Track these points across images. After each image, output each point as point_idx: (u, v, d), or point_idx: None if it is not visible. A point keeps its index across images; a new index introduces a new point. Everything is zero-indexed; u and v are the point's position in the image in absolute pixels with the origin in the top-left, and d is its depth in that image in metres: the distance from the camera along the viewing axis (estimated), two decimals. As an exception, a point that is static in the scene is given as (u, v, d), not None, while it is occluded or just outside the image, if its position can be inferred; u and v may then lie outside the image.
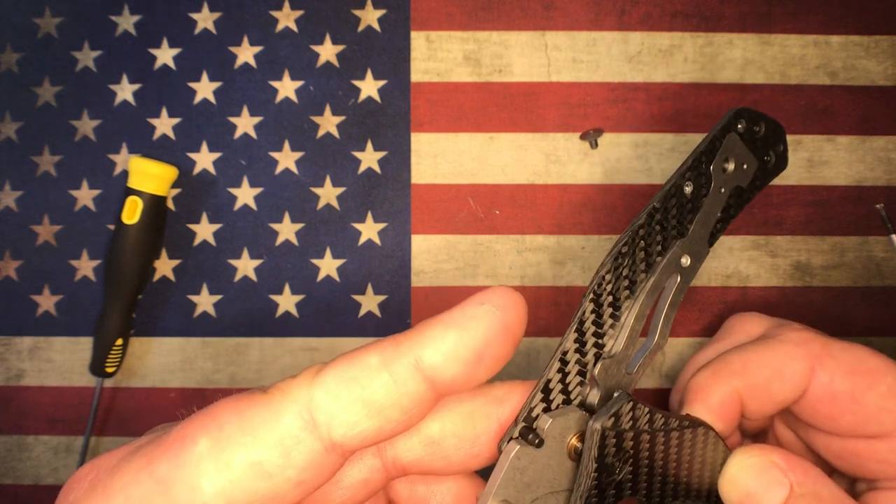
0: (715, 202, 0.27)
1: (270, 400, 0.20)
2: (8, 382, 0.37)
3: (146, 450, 0.21)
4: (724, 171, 0.27)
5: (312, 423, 0.20)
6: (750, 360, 0.30)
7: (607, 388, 0.23)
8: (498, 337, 0.21)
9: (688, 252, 0.26)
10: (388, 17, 0.38)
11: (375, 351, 0.21)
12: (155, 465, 0.20)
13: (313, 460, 0.20)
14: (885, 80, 0.37)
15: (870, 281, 0.37)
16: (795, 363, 0.29)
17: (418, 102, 0.37)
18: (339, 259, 0.37)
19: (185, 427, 0.21)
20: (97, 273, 0.37)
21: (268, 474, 0.20)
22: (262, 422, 0.20)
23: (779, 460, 0.26)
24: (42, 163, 0.38)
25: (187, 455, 0.20)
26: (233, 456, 0.20)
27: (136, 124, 0.38)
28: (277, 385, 0.21)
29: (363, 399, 0.20)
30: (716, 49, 0.37)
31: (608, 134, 0.37)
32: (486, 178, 0.37)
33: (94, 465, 0.21)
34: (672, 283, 0.25)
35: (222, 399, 0.21)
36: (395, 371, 0.20)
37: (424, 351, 0.20)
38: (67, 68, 0.38)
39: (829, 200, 0.37)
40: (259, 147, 0.38)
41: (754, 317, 0.34)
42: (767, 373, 0.29)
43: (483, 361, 0.21)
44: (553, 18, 0.38)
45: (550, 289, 0.37)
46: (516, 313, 0.21)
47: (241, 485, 0.20)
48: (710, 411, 0.29)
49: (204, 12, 0.38)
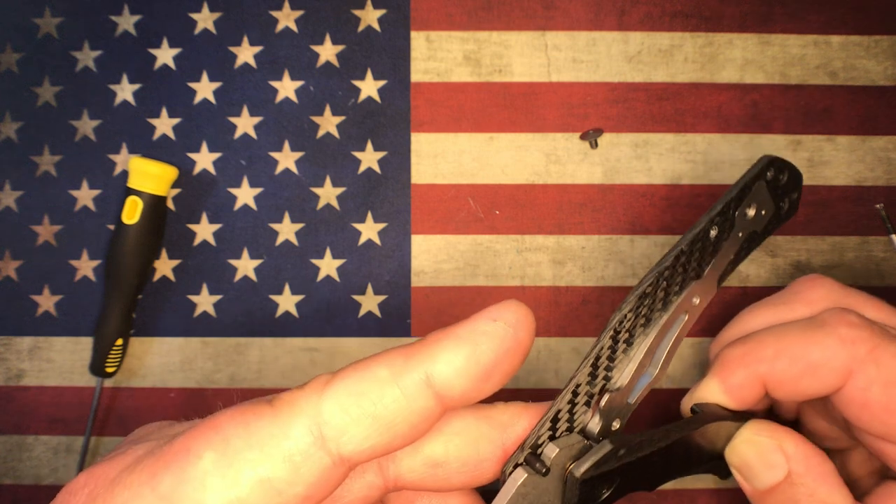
0: (731, 245, 0.28)
1: (278, 413, 0.20)
2: (8, 382, 0.37)
3: (147, 463, 0.20)
4: (746, 216, 0.28)
5: (322, 438, 0.19)
6: (785, 348, 0.27)
7: (609, 417, 0.24)
8: (509, 353, 0.21)
9: (699, 293, 0.27)
10: (388, 17, 0.38)
11: (385, 363, 0.20)
12: (158, 480, 0.19)
13: (322, 475, 0.19)
14: (885, 80, 0.37)
15: (869, 281, 0.37)
16: (834, 362, 0.26)
17: (418, 102, 0.37)
18: (339, 259, 0.37)
19: (189, 439, 0.20)
20: (97, 273, 0.37)
21: (277, 491, 0.19)
22: (270, 436, 0.19)
23: (788, 446, 0.26)
24: (42, 163, 0.38)
25: (192, 470, 0.19)
26: (240, 472, 0.19)
27: (136, 124, 0.38)
28: (284, 397, 0.20)
29: (373, 415, 0.20)
30: (716, 49, 0.37)
31: (608, 134, 0.37)
32: (486, 178, 0.37)
33: (91, 474, 0.21)
34: (681, 321, 0.26)
35: (226, 410, 0.20)
36: (405, 386, 0.20)
37: (435, 366, 0.20)
38: (67, 68, 0.38)
39: (829, 200, 0.37)
40: (259, 147, 0.38)
41: (823, 284, 0.30)
42: (800, 368, 0.27)
43: (492, 378, 0.21)
44: (553, 18, 0.38)
45: (550, 289, 0.37)
46: (527, 330, 0.21)
47: (249, 502, 0.19)
48: (727, 391, 0.28)
49: (204, 12, 0.38)
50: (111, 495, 0.20)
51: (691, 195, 0.37)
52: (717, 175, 0.37)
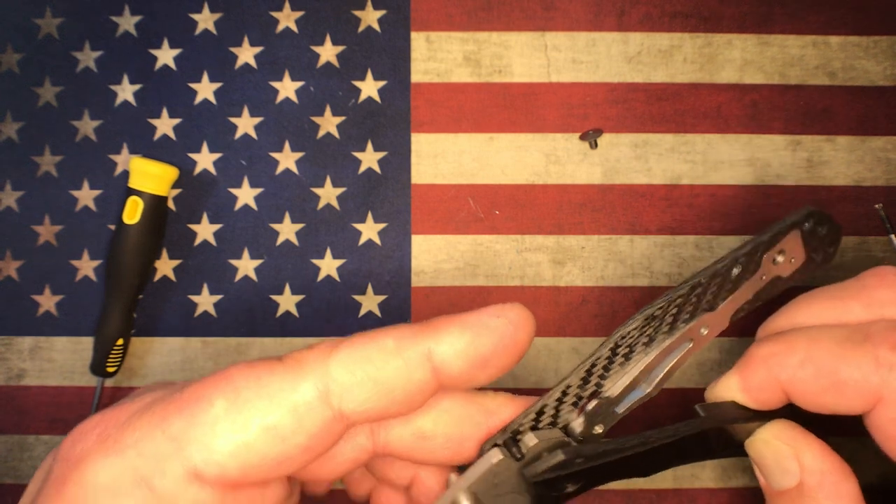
0: (751, 286, 0.27)
1: (288, 368, 0.21)
2: (9, 382, 0.37)
3: (159, 407, 0.21)
4: (774, 261, 0.28)
5: (326, 395, 0.21)
6: (814, 358, 0.25)
7: (592, 421, 0.25)
8: (506, 349, 0.22)
9: (710, 324, 0.26)
10: (389, 17, 0.38)
11: (393, 336, 0.22)
12: (169, 423, 0.21)
13: (322, 428, 0.21)
14: (885, 80, 0.37)
15: (869, 281, 0.37)
16: (863, 385, 0.24)
17: (418, 103, 0.38)
18: (339, 259, 0.37)
19: (201, 387, 0.21)
20: (98, 273, 0.37)
21: (281, 438, 0.21)
22: (279, 389, 0.21)
23: (806, 457, 0.25)
24: (43, 163, 0.38)
25: (203, 415, 0.20)
26: (249, 419, 0.20)
27: (136, 125, 0.38)
28: (293, 355, 0.22)
29: (375, 379, 0.21)
30: (715, 49, 0.38)
31: (608, 134, 0.37)
32: (486, 178, 0.37)
33: (102, 417, 0.22)
34: (684, 347, 0.26)
35: (237, 364, 0.22)
36: (408, 357, 0.22)
37: (438, 345, 0.22)
38: (68, 69, 0.38)
39: (829, 200, 0.37)
40: (259, 147, 0.38)
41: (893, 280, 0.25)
42: (825, 383, 0.24)
43: (487, 367, 0.22)
44: (553, 19, 0.38)
45: (550, 289, 0.37)
46: (526, 331, 0.23)
47: (255, 447, 0.20)
48: (745, 391, 0.26)
49: (204, 13, 0.38)
50: (122, 435, 0.21)
51: (690, 195, 0.37)
52: (717, 175, 0.37)
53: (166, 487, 0.20)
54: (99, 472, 0.20)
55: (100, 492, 0.20)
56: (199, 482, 0.20)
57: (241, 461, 0.20)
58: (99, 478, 0.20)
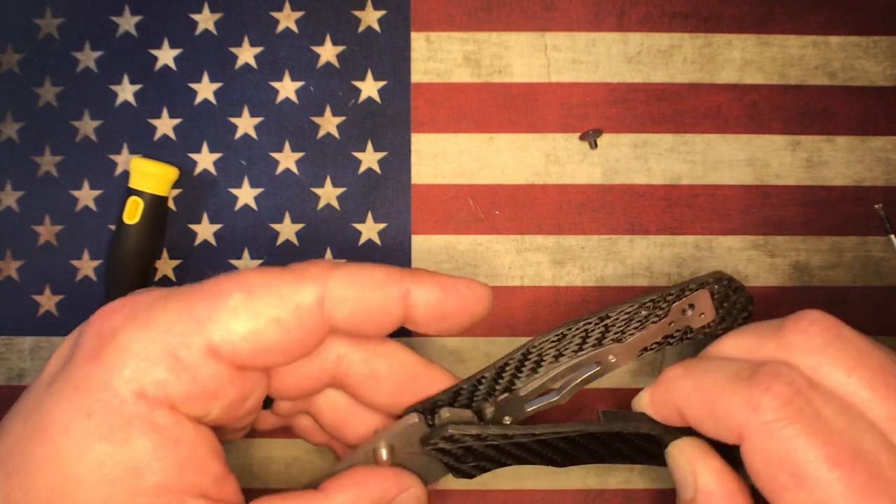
0: (659, 329, 0.30)
1: (294, 275, 0.26)
2: (9, 382, 0.37)
3: (183, 294, 0.25)
4: (684, 312, 0.30)
5: (322, 301, 0.26)
6: (703, 387, 0.26)
7: (503, 411, 0.30)
8: (464, 313, 0.27)
9: (618, 354, 0.30)
10: (389, 17, 0.38)
11: (383, 271, 0.27)
12: (194, 308, 0.25)
13: (314, 328, 0.26)
14: (885, 80, 0.38)
15: (868, 281, 0.37)
16: (730, 421, 0.25)
17: (418, 103, 0.38)
18: (340, 259, 0.37)
19: (220, 283, 0.25)
20: (98, 273, 0.37)
21: (285, 330, 0.25)
22: (286, 290, 0.25)
23: (701, 478, 0.27)
24: (43, 163, 0.38)
25: (223, 303, 0.25)
26: (261, 310, 0.25)
27: (136, 125, 0.38)
28: (297, 266, 0.26)
29: (361, 300, 0.26)
30: (715, 49, 0.38)
31: (607, 134, 0.37)
32: (486, 178, 0.37)
33: (129, 300, 0.26)
34: (591, 368, 0.30)
35: (250, 268, 0.27)
36: (389, 292, 0.26)
37: (416, 290, 0.27)
38: (68, 69, 0.38)
39: (828, 200, 0.37)
40: (259, 147, 0.38)
41: (810, 328, 0.26)
42: (704, 411, 0.26)
43: (444, 321, 0.27)
44: (553, 19, 0.38)
45: (550, 289, 0.37)
46: (483, 305, 0.28)
47: (264, 334, 0.25)
48: (651, 407, 0.29)
49: (204, 13, 0.38)
50: (151, 314, 0.25)
51: (690, 195, 0.37)
52: (716, 175, 0.37)
53: (190, 359, 0.24)
54: (133, 342, 0.24)
55: (134, 358, 0.24)
56: (216, 359, 0.24)
57: (251, 345, 0.25)
58: (133, 347, 0.24)
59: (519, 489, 0.36)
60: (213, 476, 0.25)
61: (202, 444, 0.25)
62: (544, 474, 0.36)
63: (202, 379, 0.24)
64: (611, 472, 0.36)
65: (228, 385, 0.25)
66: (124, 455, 0.23)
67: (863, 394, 0.24)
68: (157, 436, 0.23)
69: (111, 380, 0.23)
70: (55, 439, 0.23)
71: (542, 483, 0.36)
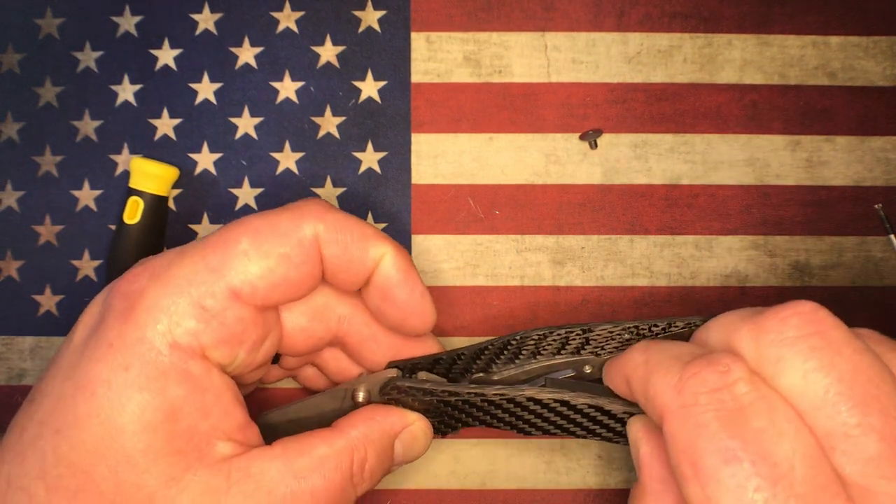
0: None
1: (292, 213, 0.28)
2: (9, 382, 0.37)
3: (195, 249, 0.27)
4: None
5: (318, 237, 0.28)
6: (648, 362, 0.26)
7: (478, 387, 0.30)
8: (399, 311, 0.30)
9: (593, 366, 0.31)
10: (389, 17, 0.38)
11: (370, 228, 0.29)
12: (208, 259, 0.26)
13: (314, 262, 0.28)
14: (884, 80, 0.38)
15: (868, 281, 0.37)
16: (658, 398, 0.24)
17: (418, 103, 0.38)
18: (339, 259, 0.37)
19: (226, 232, 0.27)
20: (99, 273, 0.37)
21: (294, 264, 0.27)
22: (289, 227, 0.27)
23: (642, 456, 0.27)
24: (43, 163, 0.38)
25: (234, 250, 0.27)
26: (270, 249, 0.27)
27: (137, 125, 0.38)
28: (294, 204, 0.29)
29: (345, 245, 0.28)
30: (715, 50, 0.38)
31: (607, 134, 0.37)
32: (485, 178, 0.37)
33: (145, 265, 0.27)
34: (566, 373, 0.32)
35: (250, 214, 0.28)
36: (368, 247, 0.29)
37: (386, 259, 0.29)
38: (69, 69, 0.38)
39: (828, 200, 0.37)
40: (260, 147, 0.38)
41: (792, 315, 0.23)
42: (641, 388, 0.26)
43: (384, 302, 0.30)
44: (553, 19, 0.38)
45: (550, 288, 0.37)
46: (420, 322, 0.31)
47: (277, 270, 0.27)
48: (607, 380, 0.30)
49: (205, 13, 0.38)
50: (171, 272, 0.26)
51: (690, 195, 0.37)
52: (716, 175, 0.37)
53: (216, 306, 0.26)
54: (160, 299, 0.26)
55: (164, 313, 0.26)
56: (240, 301, 0.26)
57: (267, 282, 0.27)
58: (161, 303, 0.26)
59: (519, 489, 0.36)
60: (237, 422, 0.27)
61: (227, 391, 0.27)
62: (544, 474, 0.36)
63: (229, 323, 0.26)
64: (611, 471, 0.36)
65: (251, 327, 0.27)
66: (162, 402, 0.25)
67: (815, 400, 0.22)
68: (189, 384, 0.25)
69: (145, 335, 0.25)
70: (98, 395, 0.25)
71: (542, 483, 0.36)
